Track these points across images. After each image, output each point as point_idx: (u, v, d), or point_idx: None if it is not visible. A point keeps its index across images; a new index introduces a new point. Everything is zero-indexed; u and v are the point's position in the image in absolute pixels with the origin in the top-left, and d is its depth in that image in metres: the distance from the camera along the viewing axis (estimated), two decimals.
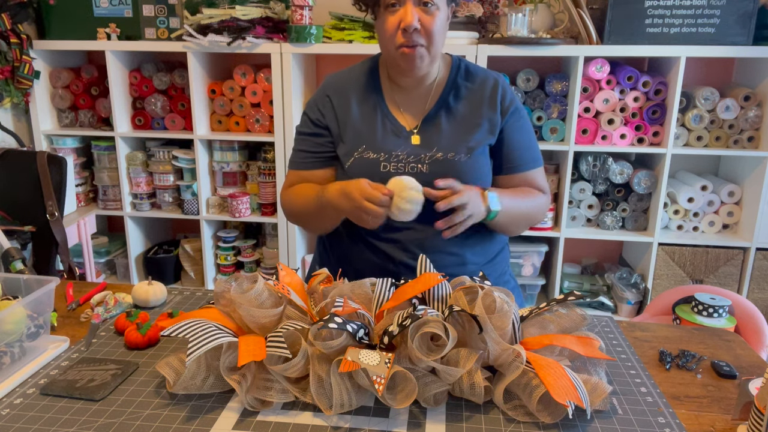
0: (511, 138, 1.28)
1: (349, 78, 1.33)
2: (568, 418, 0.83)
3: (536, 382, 0.83)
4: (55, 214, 1.77)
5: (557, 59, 2.47)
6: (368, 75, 1.32)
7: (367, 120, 1.28)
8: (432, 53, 1.19)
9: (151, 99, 2.54)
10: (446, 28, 1.21)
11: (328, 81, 1.35)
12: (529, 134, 1.31)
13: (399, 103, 1.29)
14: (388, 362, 0.82)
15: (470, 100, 1.27)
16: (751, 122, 2.25)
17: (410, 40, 1.15)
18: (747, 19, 2.11)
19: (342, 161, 1.28)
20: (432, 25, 1.15)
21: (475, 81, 1.29)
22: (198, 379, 0.89)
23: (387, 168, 1.23)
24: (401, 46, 1.16)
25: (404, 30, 1.14)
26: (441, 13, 1.17)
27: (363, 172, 1.23)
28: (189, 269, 2.75)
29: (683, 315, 1.65)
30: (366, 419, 0.83)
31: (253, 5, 2.30)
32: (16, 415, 0.84)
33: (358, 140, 1.26)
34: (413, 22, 1.12)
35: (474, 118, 1.26)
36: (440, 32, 1.18)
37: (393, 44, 1.17)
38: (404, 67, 1.20)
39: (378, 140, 1.25)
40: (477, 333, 0.87)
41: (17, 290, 1.07)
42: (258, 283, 0.95)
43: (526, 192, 1.29)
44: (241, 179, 2.63)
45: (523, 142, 1.29)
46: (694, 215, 2.39)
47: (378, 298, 0.96)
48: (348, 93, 1.31)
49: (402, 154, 1.23)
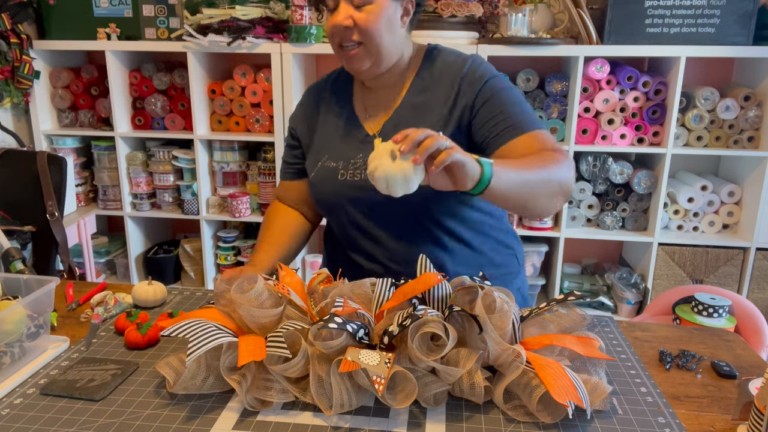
0: (491, 108, 1.11)
1: (325, 86, 1.30)
2: (568, 418, 0.83)
3: (536, 382, 0.83)
4: (55, 214, 1.77)
5: (557, 59, 2.47)
6: (342, 80, 1.29)
7: (332, 128, 1.24)
8: (373, 51, 1.11)
9: (151, 99, 2.54)
10: (393, 22, 1.12)
11: (306, 91, 1.33)
12: (513, 99, 1.13)
13: (368, 106, 1.23)
14: (388, 362, 0.82)
15: (435, 90, 1.17)
16: (751, 122, 2.25)
17: (344, 38, 1.11)
18: (747, 19, 2.11)
19: (308, 172, 1.27)
20: (365, 21, 1.09)
21: (442, 68, 1.18)
22: (198, 379, 0.89)
23: (344, 176, 1.18)
24: (339, 46, 1.13)
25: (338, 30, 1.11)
26: (378, 7, 1.09)
27: (323, 181, 1.22)
28: (189, 269, 2.75)
29: (683, 315, 1.65)
30: (366, 419, 0.83)
31: (253, 5, 2.30)
32: (16, 415, 0.84)
33: (322, 150, 1.23)
34: (341, 20, 1.09)
35: (440, 108, 1.15)
36: (380, 27, 1.10)
37: (334, 44, 1.14)
38: (347, 68, 1.16)
39: (338, 148, 1.21)
40: (477, 333, 0.87)
41: (17, 290, 1.07)
42: (258, 283, 0.95)
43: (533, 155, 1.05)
44: (241, 179, 2.63)
45: (508, 107, 1.11)
46: (694, 215, 2.39)
47: (378, 298, 0.96)
48: (319, 103, 1.28)
49: (360, 161, 1.18)
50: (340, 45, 1.13)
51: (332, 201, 1.22)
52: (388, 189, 0.89)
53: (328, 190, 1.21)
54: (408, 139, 0.86)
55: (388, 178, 0.87)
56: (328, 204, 1.24)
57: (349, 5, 1.10)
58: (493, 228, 1.26)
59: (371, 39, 1.10)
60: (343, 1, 1.10)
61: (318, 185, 1.24)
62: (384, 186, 0.89)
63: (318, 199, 1.27)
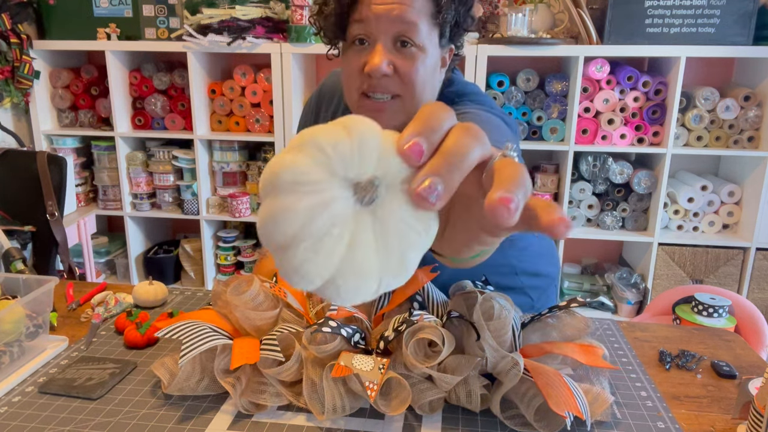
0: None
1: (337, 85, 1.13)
2: (567, 429, 0.81)
3: (534, 392, 0.81)
4: (55, 214, 1.77)
5: (557, 59, 2.46)
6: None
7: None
8: (409, 108, 0.90)
9: (151, 99, 2.54)
10: (436, 75, 0.93)
11: (322, 83, 1.19)
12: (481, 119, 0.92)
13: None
14: (382, 368, 0.80)
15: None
16: (751, 122, 2.24)
17: (378, 87, 0.88)
18: (747, 19, 2.11)
19: None
20: (412, 70, 0.87)
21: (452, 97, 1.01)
22: (192, 380, 0.88)
23: None
24: (363, 94, 0.90)
25: (368, 76, 0.87)
26: (427, 57, 0.88)
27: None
28: (189, 269, 2.75)
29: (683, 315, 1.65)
30: (361, 421, 0.83)
31: (253, 5, 2.30)
32: (14, 413, 0.84)
33: None
34: (381, 65, 0.85)
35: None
36: (425, 82, 0.89)
37: (355, 89, 0.90)
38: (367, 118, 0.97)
39: None
40: (474, 340, 0.86)
41: (16, 290, 1.07)
42: (254, 285, 0.94)
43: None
44: (241, 179, 2.63)
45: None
46: (694, 215, 2.39)
47: (378, 301, 0.95)
48: (329, 103, 1.13)
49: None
50: (364, 93, 0.90)
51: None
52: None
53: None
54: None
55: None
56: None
57: (390, 46, 0.87)
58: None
59: (414, 93, 0.89)
60: (382, 42, 0.86)
61: None
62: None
63: None
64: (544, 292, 1.18)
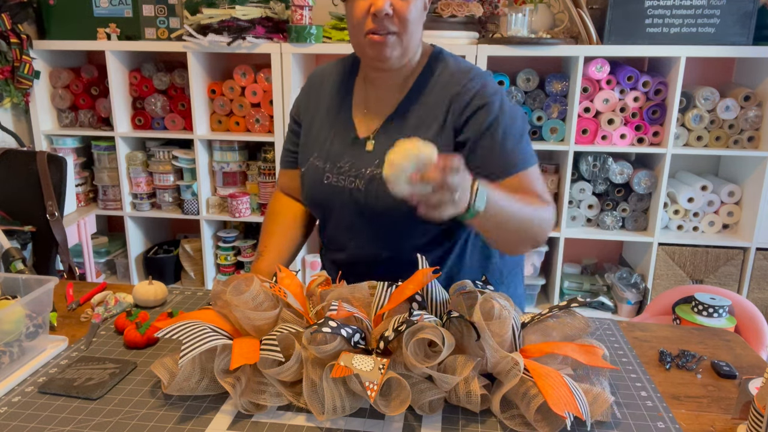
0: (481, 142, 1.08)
1: (330, 73, 1.25)
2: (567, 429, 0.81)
3: (535, 392, 0.81)
4: (55, 214, 1.77)
5: (557, 59, 2.46)
6: (347, 71, 1.23)
7: (327, 123, 1.20)
8: (404, 43, 1.07)
9: (151, 99, 2.54)
10: (422, 19, 1.10)
11: (311, 74, 1.28)
12: (505, 133, 1.08)
13: (369, 104, 1.18)
14: (382, 368, 0.80)
15: (432, 103, 1.12)
16: (751, 122, 2.24)
17: (381, 26, 1.04)
18: (747, 19, 2.11)
19: (300, 165, 1.24)
20: (406, 11, 1.04)
21: (442, 80, 1.13)
22: (192, 380, 0.88)
23: (329, 180, 1.16)
24: (370, 32, 1.06)
25: (374, 15, 1.04)
26: (417, 0, 1.07)
27: (311, 181, 1.20)
28: (189, 269, 2.75)
29: (683, 315, 1.65)
30: (361, 421, 0.83)
31: (253, 5, 2.30)
32: (14, 413, 0.84)
33: (314, 145, 1.21)
34: (384, 6, 1.02)
35: (433, 123, 1.11)
36: (416, 21, 1.07)
37: (361, 31, 1.06)
38: (372, 56, 1.09)
39: (328, 148, 1.18)
40: (475, 340, 0.86)
41: (16, 290, 1.07)
42: (254, 285, 0.94)
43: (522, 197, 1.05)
44: (241, 179, 2.63)
45: (497, 144, 1.08)
46: (694, 215, 2.39)
47: (378, 300, 0.95)
48: (322, 91, 1.23)
49: (345, 166, 1.14)
50: (369, 31, 1.06)
51: (319, 201, 1.21)
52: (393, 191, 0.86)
53: (316, 191, 1.20)
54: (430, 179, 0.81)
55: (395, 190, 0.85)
56: (314, 202, 1.23)
57: None
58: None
59: (408, 30, 1.06)
60: None
61: (306, 183, 1.22)
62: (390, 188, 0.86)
63: (306, 196, 1.24)
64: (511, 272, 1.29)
